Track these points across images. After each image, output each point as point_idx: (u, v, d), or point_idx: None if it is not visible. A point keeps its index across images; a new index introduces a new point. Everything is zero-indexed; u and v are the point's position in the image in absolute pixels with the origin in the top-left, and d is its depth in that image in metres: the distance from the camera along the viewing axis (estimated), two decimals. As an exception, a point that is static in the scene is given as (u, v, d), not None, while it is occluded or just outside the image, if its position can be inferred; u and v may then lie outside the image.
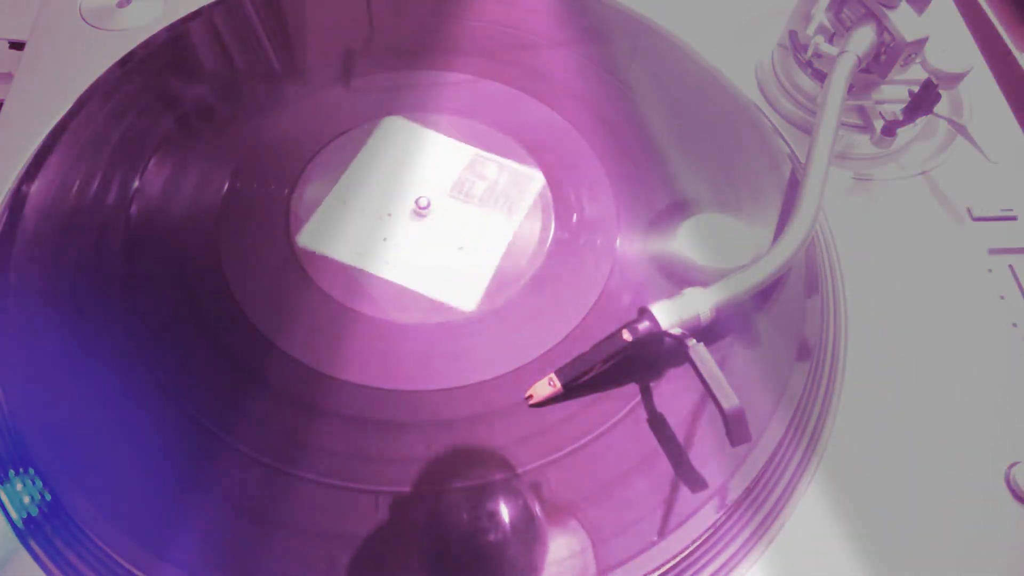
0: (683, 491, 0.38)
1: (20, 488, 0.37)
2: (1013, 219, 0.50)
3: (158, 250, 0.44)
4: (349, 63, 0.54)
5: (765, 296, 0.44)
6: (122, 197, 0.46)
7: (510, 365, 0.41)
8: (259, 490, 0.37)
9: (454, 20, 0.57)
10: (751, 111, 0.53)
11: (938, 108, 0.49)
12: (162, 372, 0.40)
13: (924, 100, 0.48)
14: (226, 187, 0.47)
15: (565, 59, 0.55)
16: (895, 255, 0.48)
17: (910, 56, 0.49)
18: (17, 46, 0.56)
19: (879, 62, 0.50)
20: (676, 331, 0.39)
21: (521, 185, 0.49)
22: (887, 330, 0.46)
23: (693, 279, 0.42)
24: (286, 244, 0.45)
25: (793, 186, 0.49)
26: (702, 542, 0.37)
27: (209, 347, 0.41)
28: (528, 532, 0.37)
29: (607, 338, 0.40)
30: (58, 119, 0.49)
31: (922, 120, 0.52)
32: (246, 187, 0.47)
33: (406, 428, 0.39)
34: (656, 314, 0.39)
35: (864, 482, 0.41)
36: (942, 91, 0.48)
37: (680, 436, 0.40)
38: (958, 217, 0.50)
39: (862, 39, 0.48)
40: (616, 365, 0.40)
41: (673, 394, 0.41)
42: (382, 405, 0.40)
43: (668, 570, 0.37)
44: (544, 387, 0.40)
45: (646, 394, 0.41)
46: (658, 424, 0.40)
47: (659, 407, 0.40)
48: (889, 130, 0.50)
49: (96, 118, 0.49)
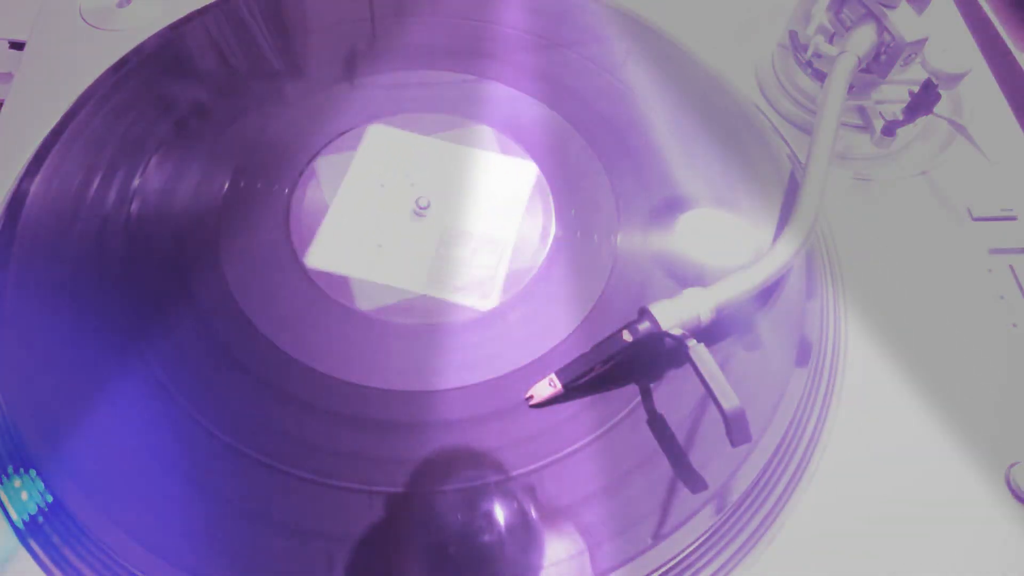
0: (683, 492, 0.38)
1: (20, 488, 0.37)
2: (1013, 219, 0.50)
3: (158, 250, 0.44)
4: (349, 63, 0.54)
5: (765, 296, 0.44)
6: (122, 197, 0.46)
7: (510, 365, 0.41)
8: (259, 490, 0.37)
9: (454, 20, 0.57)
10: (751, 111, 0.53)
11: (938, 108, 0.49)
12: (162, 372, 0.40)
13: (924, 100, 0.48)
14: (226, 187, 0.47)
15: (565, 59, 0.55)
16: (895, 255, 0.48)
17: (910, 56, 0.49)
18: (17, 46, 0.56)
19: (879, 62, 0.49)
20: (676, 331, 0.39)
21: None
22: (887, 330, 0.46)
23: (693, 279, 0.42)
24: (286, 244, 0.45)
25: (793, 186, 0.49)
26: (702, 543, 0.37)
27: (209, 347, 0.41)
28: (528, 533, 0.37)
29: (607, 338, 0.40)
30: (58, 119, 0.49)
31: (922, 120, 0.52)
32: (246, 187, 0.47)
33: (406, 428, 0.39)
34: (656, 314, 0.39)
35: (864, 482, 0.41)
36: (942, 91, 0.48)
37: (680, 437, 0.40)
38: (958, 217, 0.50)
39: (862, 39, 0.48)
40: (616, 366, 0.40)
41: (673, 394, 0.41)
42: (381, 405, 0.40)
43: (668, 571, 0.37)
44: (544, 388, 0.40)
45: (646, 395, 0.41)
46: (658, 425, 0.40)
47: (659, 407, 0.40)
48: (889, 130, 0.50)
49: (96, 118, 0.49)
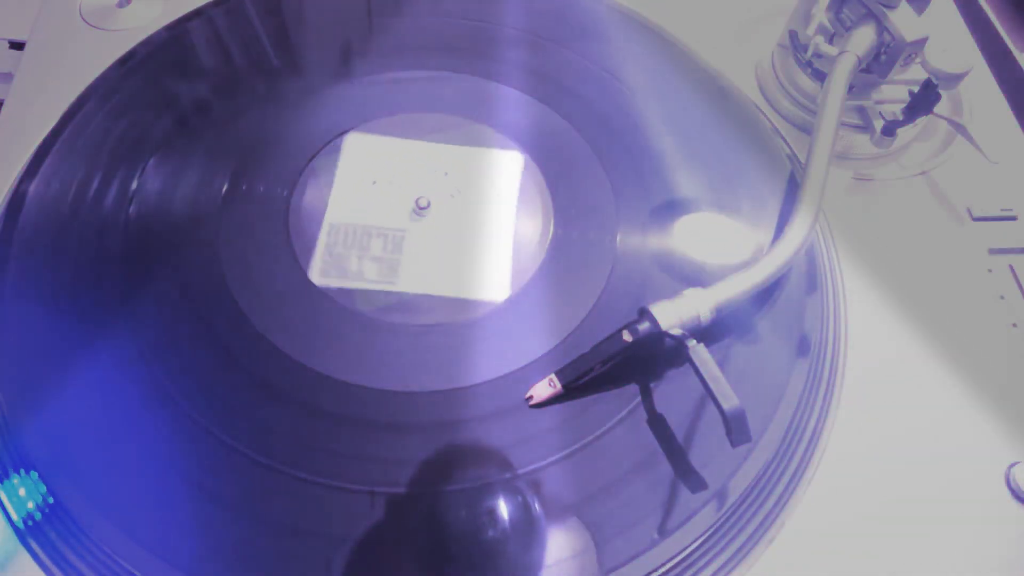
0: (683, 492, 0.38)
1: (20, 488, 0.37)
2: (1013, 219, 0.50)
3: (158, 250, 0.44)
4: (349, 63, 0.54)
5: (765, 296, 0.44)
6: (121, 197, 0.46)
7: (510, 365, 0.41)
8: (258, 490, 0.37)
9: (454, 20, 0.57)
10: (751, 111, 0.53)
11: (938, 108, 0.49)
12: (161, 372, 0.40)
13: (924, 100, 0.48)
14: (226, 187, 0.47)
15: (565, 59, 0.55)
16: (895, 255, 0.48)
17: (910, 56, 0.49)
18: (17, 46, 0.56)
19: (879, 62, 0.49)
20: (676, 331, 0.39)
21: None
22: (887, 330, 0.46)
23: (693, 279, 0.42)
24: (286, 244, 0.45)
25: (793, 186, 0.49)
26: (702, 542, 0.37)
27: (209, 347, 0.41)
28: (529, 533, 0.37)
29: (607, 338, 0.40)
30: (58, 119, 0.49)
31: (922, 120, 0.52)
32: (246, 187, 0.47)
33: (406, 428, 0.39)
34: (656, 314, 0.39)
35: (864, 482, 0.41)
36: (942, 91, 0.48)
37: (680, 437, 0.40)
38: (958, 217, 0.50)
39: (862, 39, 0.48)
40: (616, 366, 0.40)
41: (673, 394, 0.41)
42: (382, 405, 0.40)
43: (668, 570, 0.37)
44: (544, 388, 0.40)
45: (646, 395, 0.41)
46: (658, 424, 0.40)
47: (659, 408, 0.40)
48: (889, 130, 0.50)
49: (96, 118, 0.49)
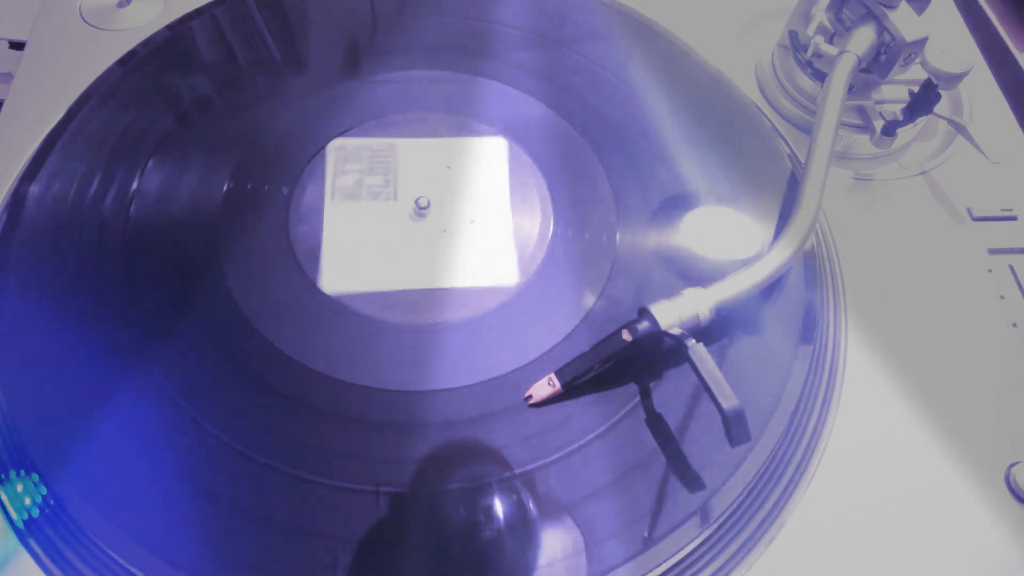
0: (683, 491, 0.38)
1: (20, 489, 0.37)
2: (1013, 219, 0.50)
3: (158, 250, 0.44)
4: (349, 62, 0.54)
5: (765, 296, 0.44)
6: (122, 197, 0.46)
7: (510, 365, 0.41)
8: (259, 490, 0.37)
9: (454, 19, 0.57)
10: (751, 111, 0.53)
11: (938, 108, 0.49)
12: (161, 372, 0.40)
13: (924, 100, 0.48)
14: (226, 187, 0.47)
15: (565, 59, 0.55)
16: (895, 255, 0.48)
17: (910, 56, 0.49)
18: (17, 46, 0.56)
19: (879, 62, 0.49)
20: (676, 331, 0.39)
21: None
22: (887, 330, 0.46)
23: (693, 279, 0.42)
24: (286, 244, 0.45)
25: (793, 186, 0.49)
26: (702, 542, 0.37)
27: (209, 347, 0.41)
28: (527, 533, 0.37)
29: (607, 338, 0.40)
30: (58, 119, 0.49)
31: (922, 120, 0.52)
32: (246, 187, 0.47)
33: (406, 428, 0.39)
34: (656, 314, 0.39)
35: (864, 482, 0.41)
36: (942, 91, 0.48)
37: (680, 436, 0.40)
38: (958, 217, 0.50)
39: (862, 39, 0.48)
40: (616, 365, 0.40)
41: (673, 394, 0.41)
42: (382, 405, 0.40)
43: (668, 570, 0.37)
44: (544, 387, 0.40)
45: (646, 394, 0.41)
46: (658, 424, 0.40)
47: (659, 407, 0.40)
48: (889, 130, 0.50)
49: (96, 118, 0.49)
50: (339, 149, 0.50)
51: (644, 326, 0.39)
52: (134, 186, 0.46)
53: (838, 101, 0.46)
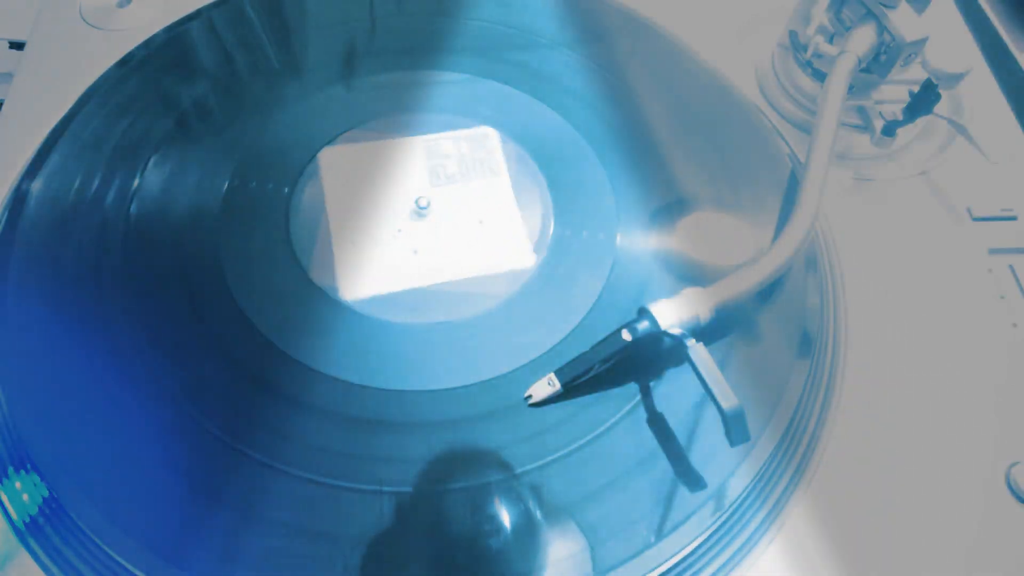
0: (683, 491, 0.38)
1: (20, 488, 0.37)
2: (1013, 219, 0.50)
3: (158, 250, 0.44)
4: (349, 62, 0.54)
5: (765, 296, 0.44)
6: (122, 197, 0.46)
7: (510, 365, 0.41)
8: (259, 490, 0.37)
9: (454, 20, 0.57)
10: (751, 111, 0.53)
11: (938, 108, 0.49)
12: (162, 372, 0.40)
13: (924, 100, 0.48)
14: (226, 187, 0.47)
15: (565, 59, 0.55)
16: (895, 255, 0.48)
17: (910, 56, 0.49)
18: (17, 46, 0.56)
19: (879, 62, 0.49)
20: (676, 331, 0.39)
21: (482, 145, 0.50)
22: (887, 330, 0.46)
23: (693, 279, 0.42)
24: (286, 244, 0.45)
25: (793, 186, 0.49)
26: (702, 542, 0.37)
27: (209, 347, 0.41)
28: (527, 532, 0.37)
29: (607, 338, 0.40)
30: (58, 119, 0.49)
31: (922, 120, 0.52)
32: (246, 187, 0.47)
33: (406, 428, 0.39)
34: (656, 314, 0.39)
35: (864, 482, 0.41)
36: (942, 91, 0.48)
37: (680, 436, 0.40)
38: (958, 217, 0.50)
39: (862, 39, 0.48)
40: (616, 365, 0.40)
41: (673, 394, 0.41)
42: (382, 405, 0.40)
43: (668, 571, 0.37)
44: (544, 387, 0.40)
45: (646, 394, 0.41)
46: (658, 424, 0.40)
47: (659, 407, 0.40)
48: (889, 130, 0.50)
49: (96, 118, 0.49)
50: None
51: (644, 326, 0.39)
52: (135, 185, 0.46)
53: (838, 101, 0.46)
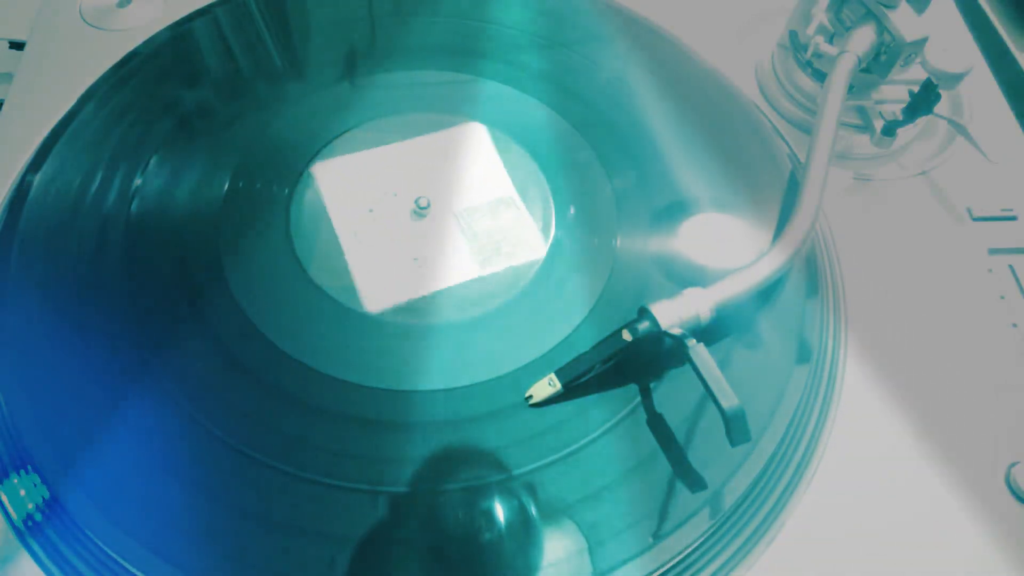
0: (683, 492, 0.38)
1: (20, 488, 0.37)
2: (1013, 219, 0.50)
3: (158, 250, 0.44)
4: (350, 63, 0.54)
5: (765, 296, 0.44)
6: (122, 197, 0.46)
7: (510, 365, 0.41)
8: (259, 490, 0.37)
9: (454, 20, 0.57)
10: (751, 111, 0.53)
11: (938, 108, 0.49)
12: (162, 372, 0.40)
13: (924, 100, 0.48)
14: (226, 187, 0.47)
15: (565, 59, 0.55)
16: (895, 255, 0.48)
17: (910, 56, 0.49)
18: (17, 46, 0.56)
19: (879, 62, 0.50)
20: (676, 331, 0.39)
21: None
22: (887, 330, 0.46)
23: (693, 279, 0.42)
24: (286, 244, 0.45)
25: (793, 186, 0.49)
26: (702, 543, 0.37)
27: (209, 346, 0.41)
28: (527, 533, 0.37)
29: (607, 338, 0.40)
30: (58, 119, 0.49)
31: (922, 120, 0.52)
32: (246, 187, 0.47)
33: (406, 428, 0.39)
34: (656, 314, 0.39)
35: (864, 482, 0.41)
36: (942, 91, 0.48)
37: (680, 437, 0.40)
38: (958, 217, 0.50)
39: (862, 39, 0.48)
40: (616, 365, 0.40)
41: (673, 394, 0.41)
42: (382, 405, 0.40)
43: (668, 571, 0.37)
44: (544, 387, 0.40)
45: (646, 394, 0.41)
46: (658, 424, 0.40)
47: (659, 408, 0.40)
48: (889, 130, 0.50)
49: (96, 118, 0.49)
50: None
51: (644, 326, 0.39)
52: (135, 186, 0.46)
53: (838, 101, 0.46)
